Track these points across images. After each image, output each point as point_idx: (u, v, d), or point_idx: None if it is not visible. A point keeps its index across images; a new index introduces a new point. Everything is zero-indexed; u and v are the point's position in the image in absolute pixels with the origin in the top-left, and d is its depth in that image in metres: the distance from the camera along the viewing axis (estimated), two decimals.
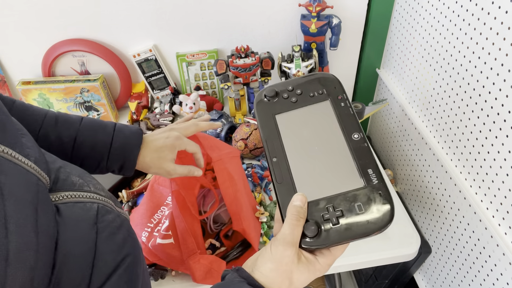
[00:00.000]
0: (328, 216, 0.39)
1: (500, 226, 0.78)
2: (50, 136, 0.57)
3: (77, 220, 0.37)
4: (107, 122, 0.64)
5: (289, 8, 1.18)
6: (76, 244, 0.36)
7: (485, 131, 0.79)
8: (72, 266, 0.35)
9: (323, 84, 0.48)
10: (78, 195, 0.40)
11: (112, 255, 0.39)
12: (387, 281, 1.20)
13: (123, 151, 0.61)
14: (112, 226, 0.41)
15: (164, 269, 0.81)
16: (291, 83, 0.48)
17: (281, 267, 0.39)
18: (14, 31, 1.12)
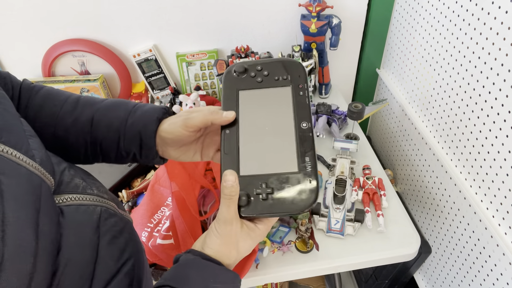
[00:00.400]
0: (259, 191, 0.43)
1: (500, 226, 0.78)
2: (67, 119, 0.52)
3: (81, 224, 0.38)
4: (129, 101, 0.57)
5: (289, 8, 1.18)
6: (78, 249, 0.36)
7: (485, 131, 0.79)
8: (74, 271, 0.34)
9: (289, 71, 0.50)
10: (81, 197, 0.40)
11: (113, 260, 0.39)
12: (387, 281, 1.20)
13: (138, 128, 0.52)
14: (114, 230, 0.41)
15: (164, 269, 0.82)
16: (260, 63, 0.51)
17: (228, 239, 0.44)
18: (14, 31, 1.12)
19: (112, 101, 0.56)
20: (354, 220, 0.88)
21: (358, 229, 0.87)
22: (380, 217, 0.88)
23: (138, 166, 0.99)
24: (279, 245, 0.85)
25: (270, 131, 0.47)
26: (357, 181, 0.96)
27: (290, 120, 0.46)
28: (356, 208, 0.90)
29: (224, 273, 0.44)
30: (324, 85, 1.28)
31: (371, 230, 0.87)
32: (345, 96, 1.39)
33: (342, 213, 0.88)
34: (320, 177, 0.99)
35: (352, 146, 1.01)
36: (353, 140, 1.03)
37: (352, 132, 1.09)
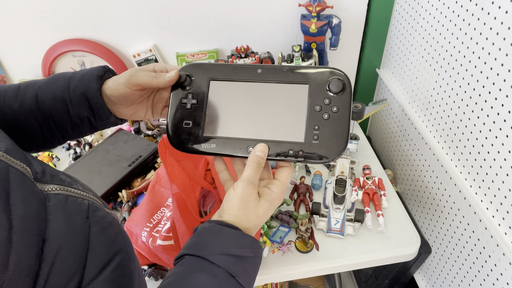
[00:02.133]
0: None
1: (500, 226, 0.78)
2: (13, 106, 0.52)
3: (71, 212, 0.38)
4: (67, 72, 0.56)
5: (289, 8, 1.18)
6: (69, 235, 0.36)
7: (485, 131, 0.79)
8: (65, 257, 0.34)
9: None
10: (68, 189, 0.40)
11: (105, 249, 0.39)
12: (387, 281, 1.20)
13: (82, 89, 0.52)
14: (104, 222, 0.41)
15: (164, 269, 0.82)
16: None
17: (247, 203, 0.45)
18: (14, 31, 1.12)
19: (52, 75, 0.56)
20: (354, 220, 0.88)
21: (358, 229, 0.87)
22: (380, 217, 0.88)
23: (138, 166, 0.99)
24: (279, 245, 0.85)
25: None
26: (357, 181, 0.96)
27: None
28: (356, 208, 0.90)
29: (241, 237, 0.44)
30: None
31: (371, 230, 0.87)
32: None
33: (342, 213, 0.88)
34: (320, 177, 0.99)
35: (352, 146, 1.01)
36: (353, 140, 1.03)
37: (352, 132, 1.09)
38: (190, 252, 0.43)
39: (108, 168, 0.99)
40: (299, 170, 1.01)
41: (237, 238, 0.44)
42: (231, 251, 0.42)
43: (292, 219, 0.89)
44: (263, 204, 0.47)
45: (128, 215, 0.90)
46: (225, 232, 0.43)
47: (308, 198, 0.94)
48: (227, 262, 0.42)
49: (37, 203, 0.35)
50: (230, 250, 0.42)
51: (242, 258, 0.43)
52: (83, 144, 1.12)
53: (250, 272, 0.44)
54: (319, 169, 1.02)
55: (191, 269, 0.42)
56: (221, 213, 0.46)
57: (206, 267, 0.41)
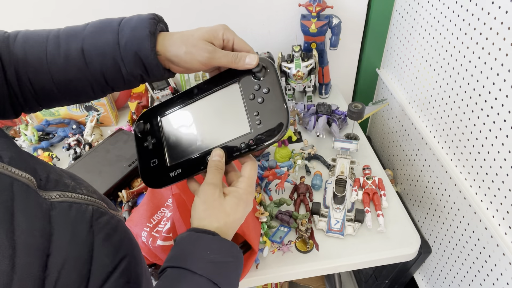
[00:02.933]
0: None
1: (500, 226, 0.78)
2: (57, 60, 0.47)
3: (75, 222, 0.37)
4: (116, 18, 0.52)
5: (289, 8, 1.18)
6: (74, 247, 0.35)
7: (485, 131, 0.79)
8: (70, 271, 0.34)
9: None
10: (72, 196, 0.39)
11: (109, 258, 0.39)
12: (387, 281, 1.20)
13: (134, 47, 0.48)
14: (108, 228, 0.41)
15: None
16: None
17: (211, 203, 0.45)
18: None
19: (96, 23, 0.50)
20: (354, 220, 0.88)
21: (358, 229, 0.87)
22: (380, 217, 0.88)
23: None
24: (279, 245, 0.85)
25: None
26: (357, 181, 0.96)
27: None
28: (356, 208, 0.90)
29: (219, 242, 0.43)
30: (324, 85, 1.28)
31: (371, 230, 0.87)
32: (345, 96, 1.39)
33: (342, 213, 0.88)
34: (320, 177, 0.99)
35: (352, 146, 1.01)
36: (353, 140, 1.02)
37: (352, 132, 1.09)
38: (171, 264, 0.42)
39: (108, 168, 0.99)
40: (299, 170, 1.01)
41: (215, 244, 0.43)
42: (211, 258, 0.42)
43: (292, 219, 0.89)
44: (229, 200, 0.46)
45: (128, 215, 0.90)
46: (202, 239, 0.43)
47: (308, 198, 0.94)
48: (208, 270, 0.41)
49: (41, 215, 0.34)
50: (210, 256, 0.42)
51: (223, 263, 0.42)
52: (83, 144, 1.12)
53: (232, 276, 0.43)
54: (319, 169, 1.02)
55: (173, 282, 0.41)
56: (192, 220, 0.46)
57: (188, 278, 0.40)
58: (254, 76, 0.50)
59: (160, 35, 0.51)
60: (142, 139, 0.56)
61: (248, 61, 0.49)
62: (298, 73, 1.13)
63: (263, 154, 1.08)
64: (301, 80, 1.16)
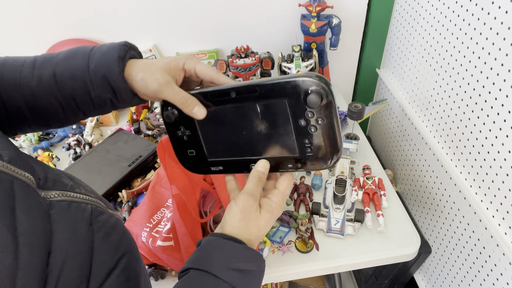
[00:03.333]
0: None
1: (500, 226, 0.78)
2: (30, 83, 0.48)
3: (75, 220, 0.37)
4: (89, 46, 0.51)
5: (289, 8, 1.18)
6: (74, 245, 0.36)
7: (485, 131, 0.79)
8: (71, 269, 0.34)
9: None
10: (71, 195, 0.39)
11: (109, 255, 0.39)
12: (387, 281, 1.20)
13: (103, 70, 0.48)
14: (107, 227, 0.41)
15: (164, 269, 0.82)
16: None
17: (248, 215, 0.46)
18: (14, 31, 1.12)
19: (69, 50, 0.51)
20: (354, 220, 0.88)
21: (358, 229, 0.87)
22: (380, 217, 0.88)
23: (138, 166, 0.99)
24: (279, 245, 0.85)
25: None
26: (357, 181, 0.96)
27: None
28: (356, 208, 0.90)
29: (245, 251, 0.44)
30: None
31: (371, 230, 0.87)
32: (345, 96, 1.39)
33: (342, 213, 0.88)
34: (320, 177, 0.99)
35: (352, 146, 1.01)
36: (353, 140, 1.02)
37: (352, 132, 1.09)
38: (195, 266, 0.42)
39: (108, 168, 0.99)
40: None
41: (241, 252, 0.43)
42: (237, 265, 0.42)
43: (292, 219, 0.89)
44: (264, 215, 0.47)
45: (128, 215, 0.90)
46: (230, 246, 0.43)
47: (308, 198, 0.94)
48: (232, 276, 0.41)
49: (42, 214, 0.34)
50: (236, 264, 0.42)
51: (247, 272, 0.43)
52: (83, 144, 1.12)
53: (254, 286, 0.44)
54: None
55: (196, 284, 0.41)
56: (223, 224, 0.46)
57: (211, 282, 0.41)
58: (305, 101, 0.44)
59: (129, 61, 0.50)
60: (173, 127, 0.52)
61: (195, 111, 0.47)
62: (298, 73, 1.13)
63: None
64: None
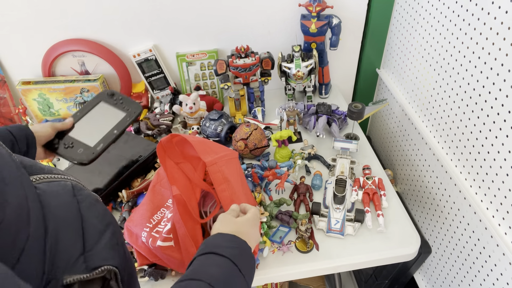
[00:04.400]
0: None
1: (500, 226, 0.78)
2: None
3: (57, 192, 0.41)
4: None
5: (289, 8, 1.18)
6: (62, 210, 0.40)
7: (485, 131, 0.80)
8: (65, 229, 0.39)
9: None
10: (49, 176, 0.43)
11: (97, 219, 0.43)
12: (387, 281, 1.20)
13: (21, 132, 0.71)
14: (90, 199, 0.44)
15: (164, 269, 0.81)
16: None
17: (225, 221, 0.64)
18: (14, 31, 1.12)
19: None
20: (354, 220, 0.88)
21: (358, 229, 0.87)
22: (380, 217, 0.88)
23: (138, 166, 0.99)
24: (279, 245, 0.85)
25: None
26: (357, 181, 0.96)
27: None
28: (356, 208, 0.90)
29: (236, 238, 0.58)
30: (324, 85, 1.28)
31: (371, 230, 0.87)
32: (345, 96, 1.39)
33: (342, 213, 0.88)
34: (320, 177, 0.99)
35: (352, 146, 1.01)
36: (353, 140, 1.03)
37: (352, 132, 1.09)
38: (201, 252, 0.55)
39: (108, 168, 0.99)
40: (299, 170, 1.01)
41: (234, 238, 0.59)
42: (230, 246, 0.57)
43: (292, 219, 0.89)
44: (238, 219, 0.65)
45: (128, 215, 0.90)
46: (225, 236, 0.59)
47: (308, 198, 0.94)
48: (229, 253, 0.54)
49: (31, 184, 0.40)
50: (229, 245, 0.57)
51: (238, 251, 0.57)
52: None
53: (247, 263, 0.57)
54: (319, 169, 1.02)
55: (205, 261, 0.54)
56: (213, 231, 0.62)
57: (216, 257, 0.54)
58: None
59: None
60: None
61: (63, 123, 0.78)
62: (298, 73, 1.13)
63: (263, 154, 1.08)
64: (301, 80, 1.16)
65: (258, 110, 1.19)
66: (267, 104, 1.25)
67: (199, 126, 1.16)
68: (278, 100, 1.30)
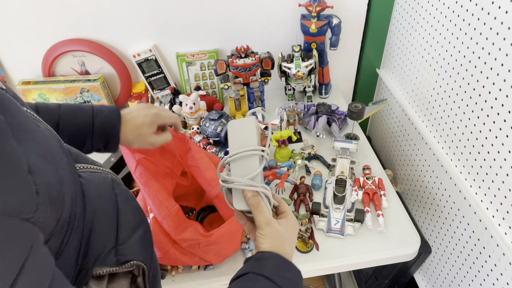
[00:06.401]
0: None
1: (500, 226, 0.78)
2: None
3: (98, 182, 0.43)
4: (84, 105, 0.67)
5: (289, 8, 1.18)
6: (101, 200, 0.41)
7: (485, 131, 0.79)
8: (101, 218, 0.40)
9: None
10: (92, 167, 0.45)
11: (132, 214, 0.44)
12: (387, 281, 1.20)
13: (105, 129, 0.65)
14: (127, 194, 0.46)
15: (164, 269, 0.82)
16: None
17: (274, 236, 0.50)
18: (14, 31, 1.12)
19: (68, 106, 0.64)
20: (354, 220, 0.88)
21: (358, 229, 0.87)
22: (380, 217, 0.88)
23: None
24: None
25: None
26: (357, 181, 0.96)
27: None
28: (356, 208, 0.90)
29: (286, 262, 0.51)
30: (324, 85, 1.28)
31: (371, 230, 0.87)
32: (345, 96, 1.39)
33: (342, 213, 0.88)
34: (320, 177, 0.99)
35: (352, 146, 1.01)
36: (353, 140, 1.03)
37: (352, 132, 1.09)
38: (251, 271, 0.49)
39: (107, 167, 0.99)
40: (299, 170, 1.01)
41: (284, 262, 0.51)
42: (284, 274, 0.50)
43: None
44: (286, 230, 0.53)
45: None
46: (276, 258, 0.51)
47: (308, 198, 0.94)
48: (282, 282, 0.49)
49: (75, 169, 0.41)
50: (283, 273, 0.50)
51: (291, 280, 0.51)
52: None
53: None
54: (319, 169, 1.02)
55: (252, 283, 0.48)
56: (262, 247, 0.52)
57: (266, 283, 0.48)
58: None
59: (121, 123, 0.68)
60: None
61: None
62: (298, 73, 1.13)
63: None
64: (301, 80, 1.16)
65: (258, 110, 1.19)
66: (267, 104, 1.25)
67: (199, 126, 1.16)
68: (278, 100, 1.30)
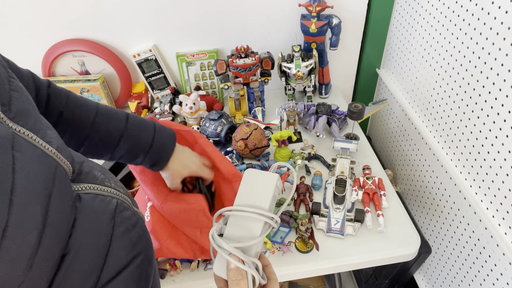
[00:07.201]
0: None
1: (500, 226, 0.78)
2: (101, 131, 0.64)
3: (97, 212, 0.39)
4: (148, 121, 0.70)
5: (289, 8, 1.18)
6: (92, 235, 0.37)
7: (485, 131, 0.80)
8: (85, 256, 0.35)
9: None
10: (99, 188, 0.41)
11: (125, 251, 0.40)
12: (387, 281, 1.20)
13: (160, 152, 0.70)
14: (128, 223, 0.42)
15: (164, 269, 0.82)
16: None
17: None
18: (14, 31, 1.12)
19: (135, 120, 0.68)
20: (354, 220, 0.88)
21: (358, 229, 0.87)
22: (380, 217, 0.88)
23: None
24: (280, 245, 0.85)
25: None
26: (357, 181, 0.96)
27: None
28: (356, 208, 0.90)
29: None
30: (324, 85, 1.28)
31: (371, 230, 0.87)
32: (345, 96, 1.39)
33: (342, 213, 0.88)
34: (320, 177, 0.99)
35: (352, 146, 1.01)
36: (353, 140, 1.03)
37: (352, 132, 1.09)
38: None
39: (108, 167, 0.99)
40: (299, 170, 1.01)
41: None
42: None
43: (292, 219, 0.89)
44: None
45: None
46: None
47: (308, 198, 0.94)
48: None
49: (70, 203, 0.36)
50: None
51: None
52: None
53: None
54: (319, 169, 1.02)
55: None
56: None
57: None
58: None
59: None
60: None
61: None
62: (298, 73, 1.13)
63: (263, 154, 1.08)
64: (301, 80, 1.16)
65: (258, 110, 1.19)
66: (267, 104, 1.25)
67: (199, 126, 1.16)
68: (278, 100, 1.30)
